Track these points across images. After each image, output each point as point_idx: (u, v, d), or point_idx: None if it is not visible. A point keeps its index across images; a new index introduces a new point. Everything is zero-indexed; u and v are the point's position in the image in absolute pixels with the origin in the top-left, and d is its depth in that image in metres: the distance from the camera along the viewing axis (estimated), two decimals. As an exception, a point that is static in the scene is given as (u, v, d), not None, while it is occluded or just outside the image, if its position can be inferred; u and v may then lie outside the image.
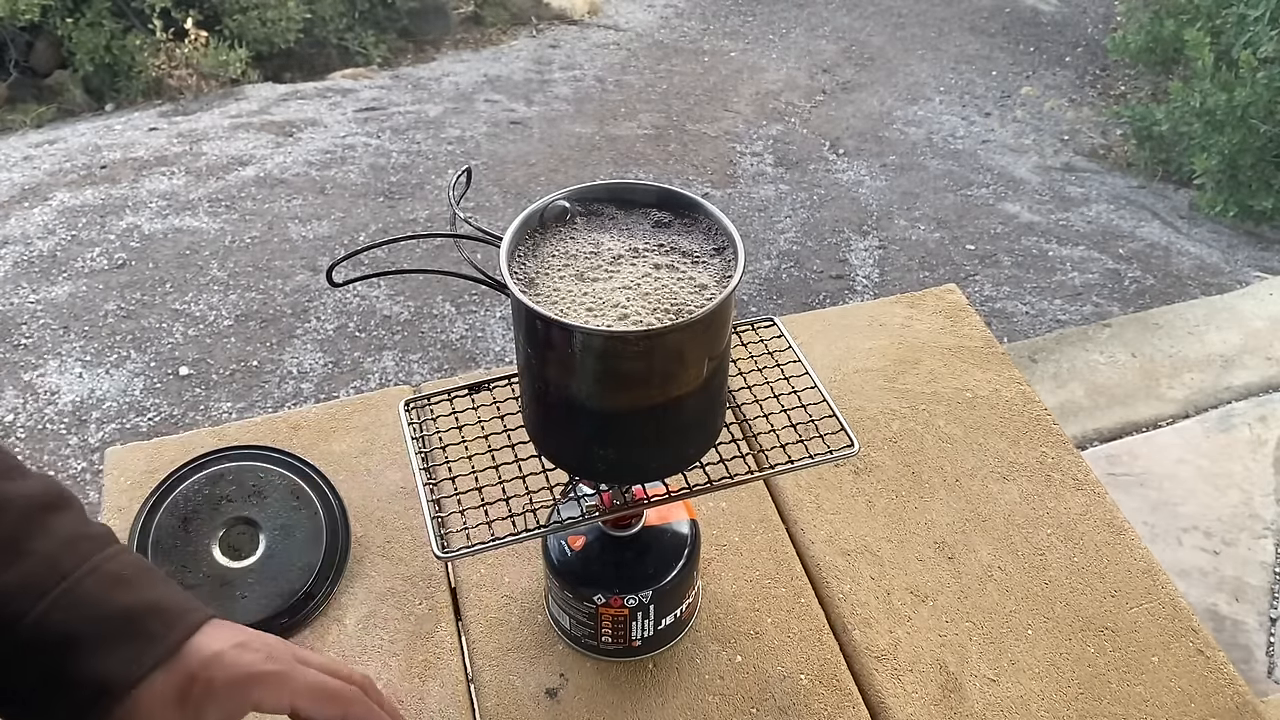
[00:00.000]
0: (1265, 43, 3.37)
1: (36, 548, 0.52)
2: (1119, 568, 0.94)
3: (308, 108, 4.36)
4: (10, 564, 0.51)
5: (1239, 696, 0.85)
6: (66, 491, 0.57)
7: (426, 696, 0.83)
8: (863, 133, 4.24)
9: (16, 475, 0.55)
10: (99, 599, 0.52)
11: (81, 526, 0.55)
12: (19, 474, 0.55)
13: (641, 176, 3.82)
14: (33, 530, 0.53)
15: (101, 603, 0.52)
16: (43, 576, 0.52)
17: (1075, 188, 3.87)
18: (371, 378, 2.72)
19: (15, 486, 0.54)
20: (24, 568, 0.52)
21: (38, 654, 0.51)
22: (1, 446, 0.56)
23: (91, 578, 0.53)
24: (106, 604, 0.52)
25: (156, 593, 0.55)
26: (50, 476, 0.57)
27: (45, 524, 0.54)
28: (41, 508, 0.54)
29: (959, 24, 5.34)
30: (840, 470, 1.02)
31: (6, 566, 0.51)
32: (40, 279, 3.08)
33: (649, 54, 5.07)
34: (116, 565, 0.54)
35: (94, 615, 0.52)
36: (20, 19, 4.47)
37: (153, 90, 4.64)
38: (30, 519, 0.53)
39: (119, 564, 0.54)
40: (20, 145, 4.07)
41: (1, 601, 0.51)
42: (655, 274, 0.65)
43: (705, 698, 0.83)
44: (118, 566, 0.54)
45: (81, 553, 0.53)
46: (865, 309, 1.24)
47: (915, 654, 0.87)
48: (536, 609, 0.89)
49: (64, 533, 0.54)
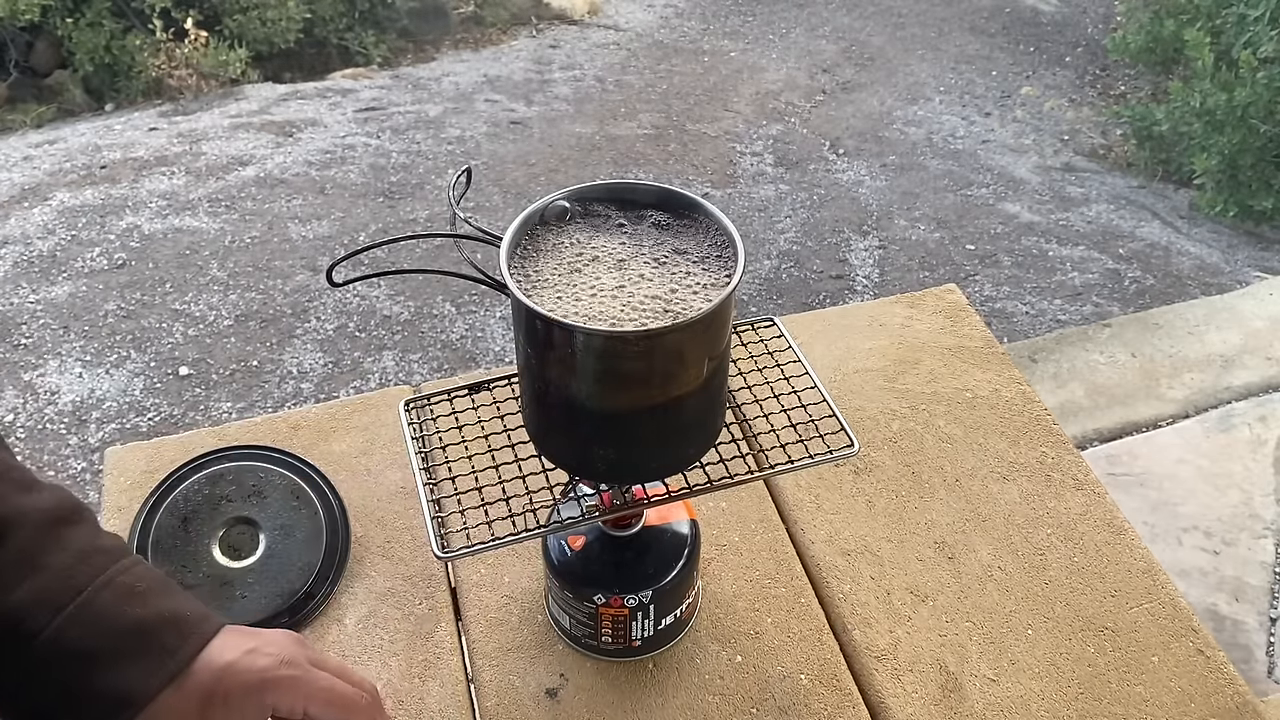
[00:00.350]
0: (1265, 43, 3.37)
1: (51, 562, 0.53)
2: (1119, 568, 0.94)
3: (308, 108, 4.36)
4: (25, 579, 0.52)
5: (1239, 696, 0.85)
6: (79, 503, 0.57)
7: (426, 696, 0.83)
8: (863, 133, 4.24)
9: (30, 488, 0.55)
10: (114, 613, 0.53)
11: (94, 539, 0.55)
12: (32, 487, 0.55)
13: (641, 176, 3.82)
14: (47, 544, 0.53)
15: (116, 617, 0.53)
16: (57, 591, 0.52)
17: (1075, 188, 3.87)
18: (371, 378, 2.72)
19: (30, 500, 0.54)
20: (39, 583, 0.52)
21: (55, 669, 0.51)
22: (12, 460, 0.56)
23: (106, 591, 0.53)
24: (121, 618, 0.53)
25: (169, 604, 0.55)
26: (62, 488, 0.57)
27: (59, 538, 0.54)
28: (55, 521, 0.54)
29: (959, 24, 5.34)
30: (840, 470, 1.02)
31: (22, 582, 0.51)
32: (40, 279, 3.08)
33: (649, 54, 5.07)
34: (129, 578, 0.54)
35: (109, 629, 0.52)
36: (20, 19, 4.47)
37: (153, 90, 4.64)
38: (45, 533, 0.53)
39: (132, 576, 0.55)
40: (20, 145, 4.07)
41: (18, 617, 0.51)
42: (655, 274, 0.65)
43: (705, 698, 0.83)
44: (131, 579, 0.54)
45: (95, 566, 0.54)
46: (865, 309, 1.24)
47: (915, 654, 0.87)
48: (536, 609, 0.89)
49: (77, 546, 0.54)
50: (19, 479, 0.55)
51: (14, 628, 0.51)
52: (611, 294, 0.63)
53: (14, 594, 0.51)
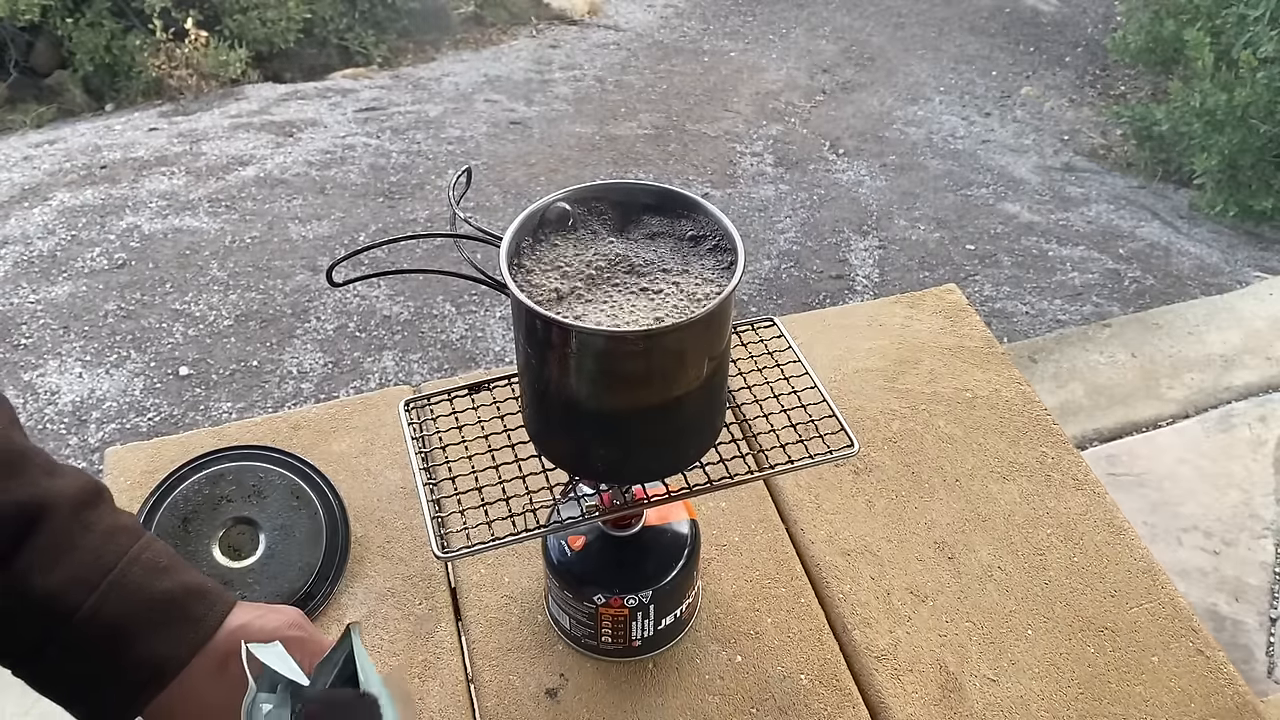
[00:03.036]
0: (1265, 43, 3.37)
1: (82, 543, 0.55)
2: (1119, 568, 0.94)
3: (308, 108, 4.36)
4: (60, 561, 0.54)
5: (1239, 696, 0.85)
6: (99, 483, 0.59)
7: (426, 696, 0.83)
8: (863, 133, 4.24)
9: (54, 472, 0.57)
10: (145, 587, 0.56)
11: (116, 518, 0.58)
12: (55, 470, 0.57)
13: (641, 176, 3.82)
14: (76, 527, 0.56)
15: (148, 590, 0.56)
16: (91, 569, 0.55)
17: (1075, 188, 3.87)
18: (371, 378, 2.72)
19: (57, 485, 0.56)
20: (73, 563, 0.54)
21: (93, 644, 0.54)
22: (29, 442, 0.58)
23: (135, 567, 0.56)
24: (152, 591, 0.56)
25: (191, 578, 0.58)
26: (80, 469, 0.59)
27: (86, 520, 0.56)
28: (81, 504, 0.57)
29: (959, 24, 5.34)
30: (840, 470, 1.02)
31: (57, 564, 0.54)
32: (40, 279, 3.08)
33: (649, 54, 5.07)
34: (152, 554, 0.57)
35: (142, 602, 0.55)
36: (20, 19, 4.47)
37: (153, 90, 4.64)
38: (74, 516, 0.56)
39: (154, 552, 0.58)
40: (20, 145, 4.07)
41: (55, 597, 0.53)
42: (655, 274, 0.65)
43: (705, 698, 0.83)
44: (153, 555, 0.57)
45: (121, 545, 0.56)
46: (865, 309, 1.24)
47: (915, 654, 0.87)
48: (536, 609, 0.89)
49: (103, 526, 0.57)
50: (43, 463, 0.57)
51: (51, 608, 0.53)
52: (611, 294, 0.63)
53: (51, 575, 0.54)
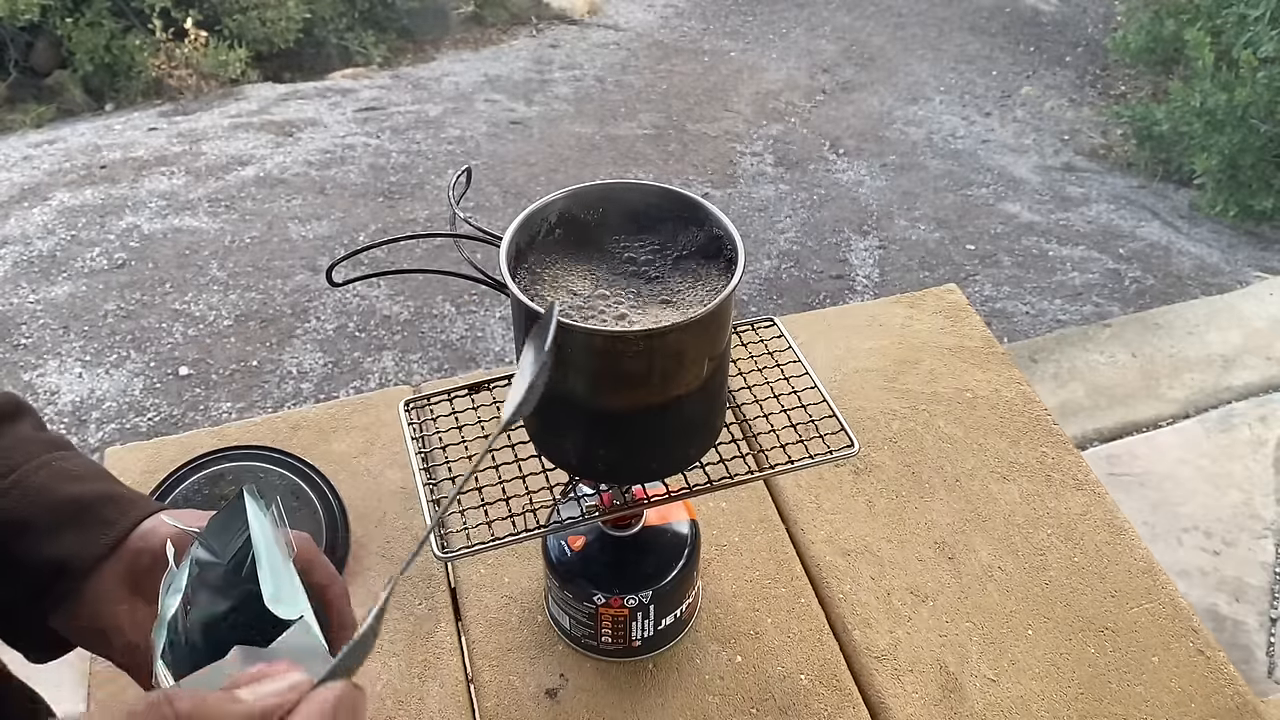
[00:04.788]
0: (1265, 43, 3.37)
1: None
2: (1119, 568, 0.94)
3: (308, 108, 4.36)
4: None
5: (1239, 696, 0.85)
6: (24, 402, 0.59)
7: (426, 696, 0.83)
8: (863, 133, 4.24)
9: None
10: (50, 489, 0.54)
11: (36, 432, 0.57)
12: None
13: (641, 176, 3.82)
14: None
15: (52, 492, 0.54)
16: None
17: (1075, 188, 3.87)
18: (371, 378, 2.72)
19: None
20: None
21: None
22: None
23: (42, 471, 0.55)
24: (57, 493, 0.54)
25: (108, 487, 0.57)
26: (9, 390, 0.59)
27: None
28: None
29: (959, 24, 5.34)
30: (840, 470, 1.02)
31: None
32: (40, 279, 3.08)
33: (649, 54, 5.07)
34: (67, 464, 0.56)
35: (45, 503, 0.54)
36: (20, 19, 4.47)
37: (152, 90, 4.65)
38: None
39: (72, 464, 0.57)
40: (20, 145, 4.07)
41: None
42: (654, 274, 0.65)
43: (705, 698, 0.83)
44: (69, 465, 0.56)
45: (31, 451, 0.56)
46: (865, 309, 1.24)
47: (915, 654, 0.87)
48: (536, 609, 0.89)
49: (16, 435, 0.56)
50: None
51: None
52: (611, 294, 0.63)
53: None
